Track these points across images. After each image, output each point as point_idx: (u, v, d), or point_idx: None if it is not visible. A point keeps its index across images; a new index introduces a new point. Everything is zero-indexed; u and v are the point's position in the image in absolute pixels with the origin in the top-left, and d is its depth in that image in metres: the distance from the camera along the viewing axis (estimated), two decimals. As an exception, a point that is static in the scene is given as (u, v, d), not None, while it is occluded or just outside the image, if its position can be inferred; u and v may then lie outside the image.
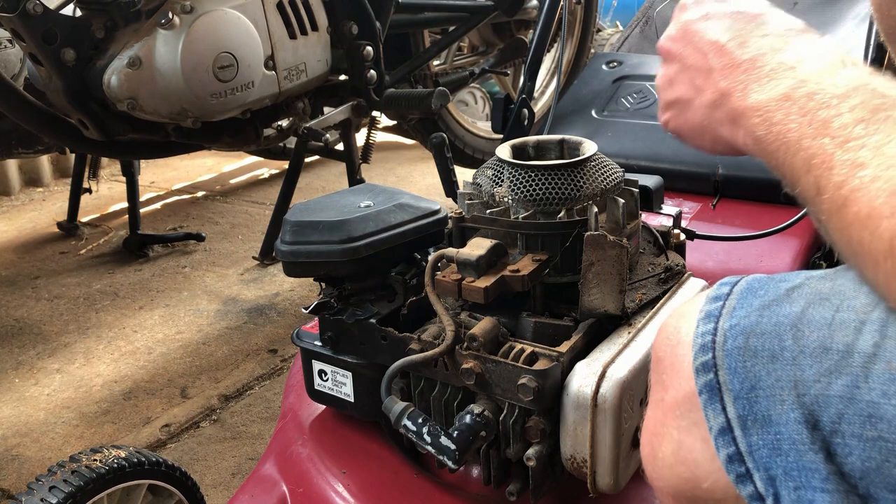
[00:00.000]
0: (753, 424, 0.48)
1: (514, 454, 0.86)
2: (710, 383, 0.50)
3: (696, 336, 0.52)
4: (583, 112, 1.74)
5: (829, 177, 0.47)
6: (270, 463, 1.08)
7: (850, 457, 0.44)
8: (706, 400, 0.50)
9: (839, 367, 0.45)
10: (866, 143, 0.46)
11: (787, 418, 0.47)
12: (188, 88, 1.52)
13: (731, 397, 0.49)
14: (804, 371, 0.47)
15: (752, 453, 0.48)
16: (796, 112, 0.51)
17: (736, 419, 0.49)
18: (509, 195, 0.95)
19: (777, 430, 0.47)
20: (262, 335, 2.01)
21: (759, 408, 0.48)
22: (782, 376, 0.47)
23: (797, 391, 0.46)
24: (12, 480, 1.52)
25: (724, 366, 0.50)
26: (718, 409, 0.49)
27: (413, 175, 3.21)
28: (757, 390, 0.48)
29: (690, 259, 1.10)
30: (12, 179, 3.19)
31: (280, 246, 1.02)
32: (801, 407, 0.46)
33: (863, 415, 0.44)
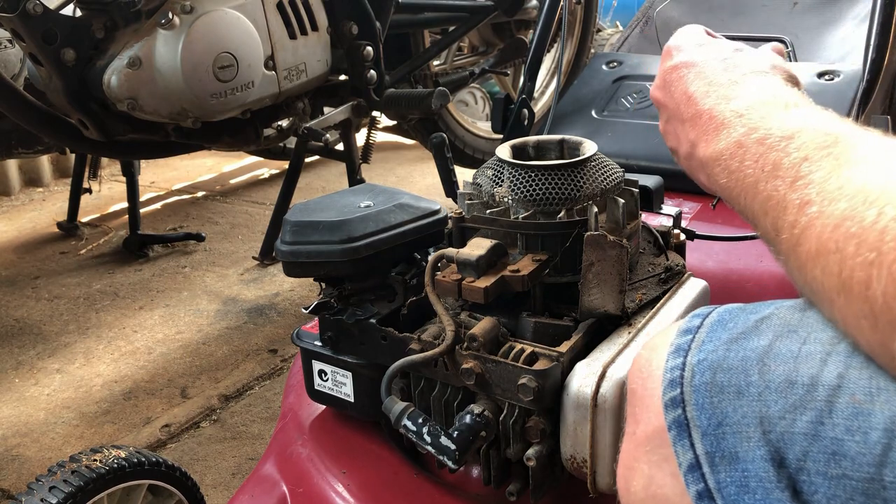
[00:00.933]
0: (721, 461, 0.48)
1: (514, 454, 0.86)
2: (679, 419, 0.50)
3: (665, 371, 0.52)
4: (583, 112, 1.74)
5: (783, 217, 0.48)
6: (270, 463, 1.08)
7: (816, 494, 0.44)
8: (675, 436, 0.50)
9: (804, 402, 0.45)
10: (812, 181, 0.46)
11: (753, 455, 0.46)
12: (188, 88, 1.52)
13: (700, 433, 0.49)
14: (770, 407, 0.46)
15: (720, 490, 0.47)
16: (750, 158, 0.53)
17: (704, 456, 0.48)
18: (509, 195, 0.95)
19: (744, 467, 0.46)
20: (262, 335, 2.01)
21: (726, 444, 0.48)
22: (748, 412, 0.47)
23: (763, 428, 0.46)
24: (12, 480, 1.52)
25: (692, 402, 0.50)
26: (687, 446, 0.49)
27: (413, 175, 3.21)
28: (724, 427, 0.48)
29: (690, 259, 1.10)
30: (12, 179, 3.19)
31: (280, 246, 1.02)
32: (767, 444, 0.46)
33: (827, 452, 0.44)
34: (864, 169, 0.44)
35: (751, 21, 1.91)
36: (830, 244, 0.43)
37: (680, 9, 2.04)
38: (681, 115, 0.65)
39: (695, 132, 0.61)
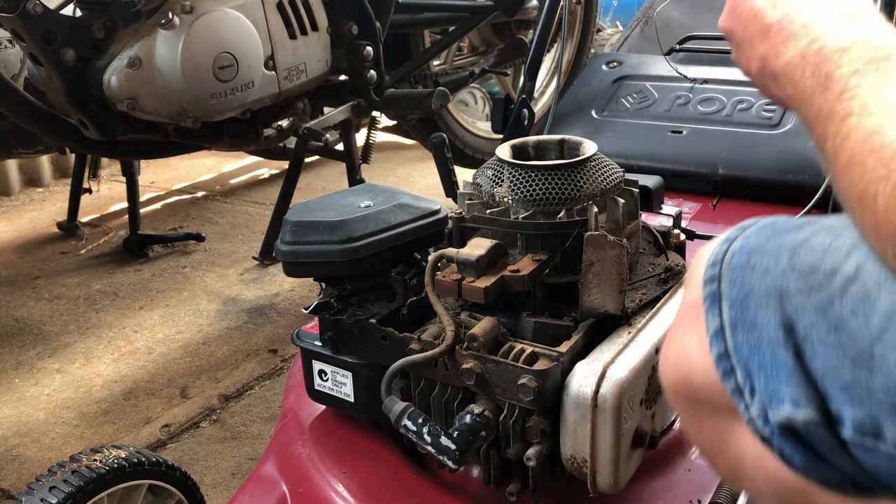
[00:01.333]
0: (741, 327, 0.55)
1: (514, 454, 0.86)
2: (713, 292, 0.57)
3: (711, 254, 0.60)
4: (583, 112, 1.75)
5: (829, 127, 0.51)
6: (270, 463, 1.08)
7: (815, 359, 0.50)
8: (708, 306, 0.57)
9: (821, 286, 0.51)
10: (857, 93, 0.49)
11: (768, 322, 0.53)
12: (188, 88, 1.52)
13: (728, 304, 0.56)
14: (790, 284, 0.53)
15: (736, 350, 0.55)
16: (809, 69, 0.55)
17: (728, 322, 0.55)
18: (509, 195, 0.95)
19: (759, 331, 0.53)
20: (262, 335, 2.01)
21: (747, 313, 0.55)
22: (771, 287, 0.54)
23: (781, 301, 0.53)
24: (12, 480, 1.52)
25: (727, 278, 0.57)
26: (716, 314, 0.56)
27: (413, 175, 3.21)
28: (749, 299, 0.55)
29: (690, 259, 1.10)
30: (12, 179, 3.19)
31: (280, 246, 1.02)
32: (781, 313, 0.53)
33: (831, 326, 0.50)
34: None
35: (751, 21, 1.91)
36: (857, 156, 0.47)
37: (680, 9, 2.04)
38: (749, 34, 0.65)
39: (764, 46, 0.62)
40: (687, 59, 1.80)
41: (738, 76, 1.81)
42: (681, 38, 1.84)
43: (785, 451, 0.52)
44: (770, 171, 1.46)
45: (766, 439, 0.53)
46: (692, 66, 1.76)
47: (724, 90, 1.66)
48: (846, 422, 0.49)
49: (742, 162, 1.50)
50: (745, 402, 0.54)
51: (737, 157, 1.51)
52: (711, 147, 1.54)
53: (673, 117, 1.64)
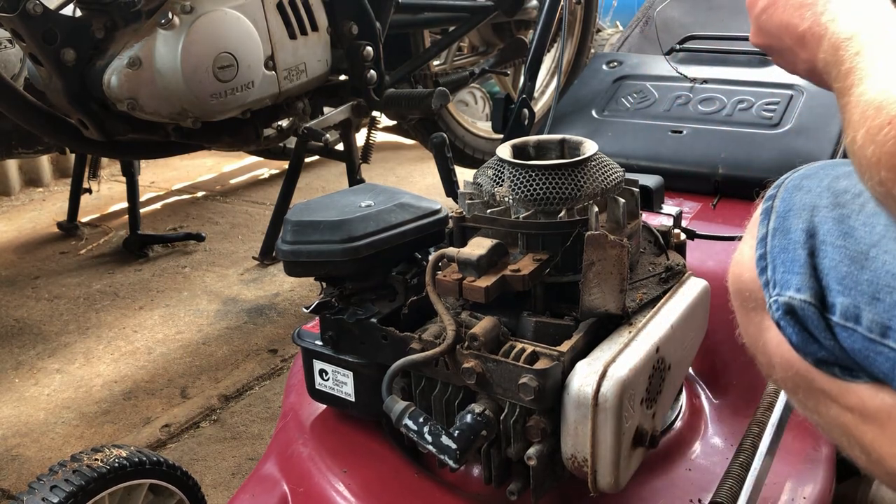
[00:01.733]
0: (778, 233, 0.68)
1: (514, 453, 0.86)
2: (768, 208, 0.71)
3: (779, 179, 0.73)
4: (583, 112, 1.75)
5: (842, 99, 0.60)
6: (271, 462, 1.08)
7: (825, 258, 0.63)
8: (762, 218, 0.71)
9: (846, 203, 0.64)
10: (857, 69, 0.60)
11: (797, 228, 0.66)
12: (188, 88, 1.52)
13: (775, 215, 0.69)
14: (822, 200, 0.66)
15: (771, 251, 0.68)
16: (833, 60, 0.64)
17: (771, 230, 0.68)
18: (510, 195, 0.95)
19: (789, 236, 0.66)
20: (262, 335, 2.01)
21: (786, 223, 0.67)
22: (807, 202, 0.67)
23: (811, 213, 0.66)
24: (12, 480, 1.52)
25: (780, 196, 0.71)
26: (765, 224, 0.70)
27: (413, 175, 3.21)
28: (790, 211, 0.68)
29: (690, 259, 1.10)
30: (12, 179, 3.19)
31: (281, 246, 1.02)
32: (809, 222, 0.65)
33: (843, 232, 0.63)
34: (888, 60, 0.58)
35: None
36: (854, 115, 0.57)
37: (680, 9, 2.04)
38: (787, 45, 0.74)
39: (805, 52, 0.71)
40: (687, 59, 1.80)
41: (738, 76, 1.81)
42: (681, 38, 1.84)
43: (787, 330, 0.65)
44: (770, 171, 1.45)
45: (777, 322, 0.65)
46: (692, 66, 1.76)
47: (724, 90, 1.66)
48: (836, 308, 0.61)
49: (742, 162, 1.50)
50: (769, 292, 0.66)
51: (737, 157, 1.51)
52: (711, 147, 1.54)
53: (673, 117, 1.64)
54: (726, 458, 0.99)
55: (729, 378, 1.18)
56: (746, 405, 1.11)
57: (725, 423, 1.13)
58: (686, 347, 0.97)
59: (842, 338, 0.61)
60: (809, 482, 1.00)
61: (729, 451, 1.03)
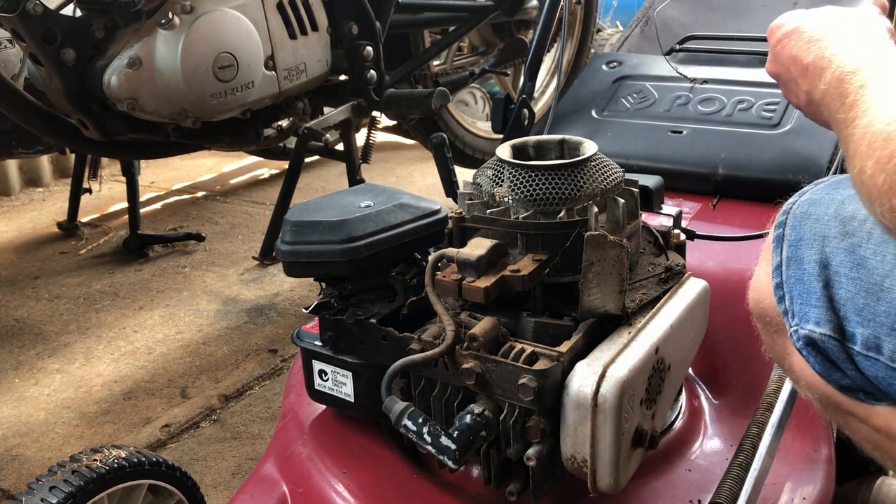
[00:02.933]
0: (792, 263, 0.70)
1: (514, 454, 0.86)
2: (779, 235, 0.73)
3: (786, 205, 0.75)
4: (583, 112, 1.74)
5: (845, 131, 0.62)
6: (270, 463, 1.08)
7: (840, 289, 0.65)
8: (774, 246, 0.73)
9: (854, 231, 0.66)
10: (861, 102, 0.62)
11: (810, 259, 0.68)
12: (188, 88, 1.52)
13: (787, 244, 0.71)
14: (831, 230, 0.68)
15: (786, 282, 0.70)
16: (835, 93, 0.67)
17: (785, 259, 0.71)
18: (509, 195, 0.95)
19: (803, 266, 0.68)
20: (262, 335, 2.01)
21: (799, 252, 0.69)
22: (818, 232, 0.69)
23: (822, 243, 0.67)
24: (12, 480, 1.52)
25: (790, 223, 0.73)
26: (778, 252, 0.72)
27: (413, 175, 3.21)
28: (801, 241, 0.70)
29: (690, 259, 1.10)
30: (12, 179, 3.19)
31: (280, 246, 1.02)
32: (821, 253, 0.67)
33: (856, 263, 0.64)
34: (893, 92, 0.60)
35: (751, 21, 1.91)
36: (859, 146, 0.59)
37: (680, 9, 2.04)
38: (792, 76, 0.78)
39: (806, 83, 0.74)
40: (687, 59, 1.80)
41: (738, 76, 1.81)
42: (681, 38, 1.84)
43: (809, 359, 0.67)
44: (770, 171, 1.46)
45: (799, 350, 0.68)
46: (692, 66, 1.76)
47: (724, 90, 1.66)
48: (857, 339, 0.63)
49: (742, 162, 1.50)
50: (789, 321, 0.69)
51: (737, 157, 1.50)
52: (711, 147, 1.54)
53: (673, 117, 1.64)
54: (726, 459, 0.99)
55: (729, 378, 1.18)
56: (746, 405, 1.11)
57: (725, 424, 1.12)
58: (686, 348, 0.97)
59: (864, 367, 0.63)
60: (809, 483, 0.99)
61: (729, 451, 1.03)
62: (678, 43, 1.83)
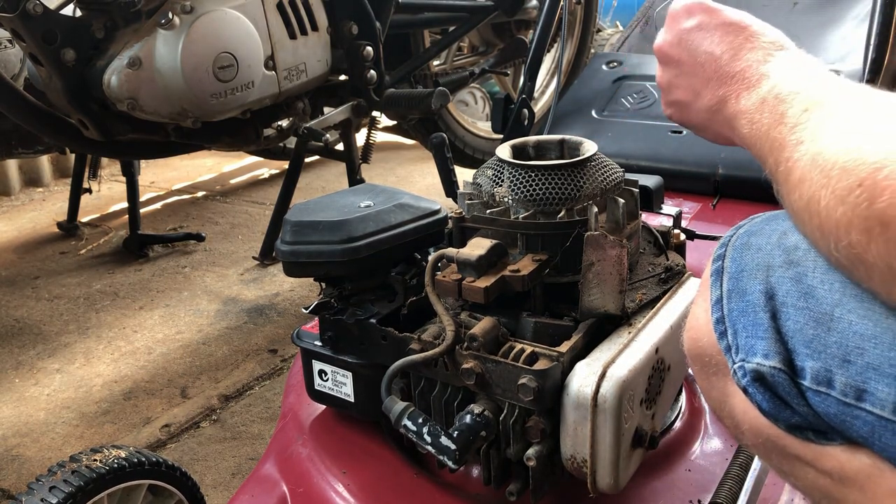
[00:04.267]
0: (734, 296, 0.65)
1: (514, 454, 0.86)
2: (718, 268, 0.68)
3: (723, 238, 0.71)
4: (583, 112, 1.75)
5: (782, 154, 0.60)
6: (270, 463, 1.08)
7: (788, 321, 0.61)
8: (713, 280, 0.68)
9: (799, 260, 0.62)
10: (807, 126, 0.59)
11: (754, 290, 0.63)
12: (188, 88, 1.52)
13: (727, 277, 0.66)
14: (775, 259, 0.63)
15: (728, 315, 0.65)
16: (768, 111, 0.64)
17: (726, 292, 0.66)
18: (509, 195, 0.95)
19: (747, 298, 0.63)
20: (262, 335, 2.01)
21: (741, 284, 0.65)
22: (760, 262, 0.64)
23: (766, 273, 0.63)
24: (12, 480, 1.52)
25: (730, 255, 0.68)
26: (718, 286, 0.67)
27: (413, 175, 3.21)
28: (743, 272, 0.65)
29: (690, 259, 1.10)
30: (12, 179, 3.19)
31: (280, 246, 1.02)
32: (765, 283, 0.63)
33: (803, 293, 0.60)
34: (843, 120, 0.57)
35: (751, 21, 1.91)
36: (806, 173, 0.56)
37: (680, 9, 2.04)
38: (703, 73, 0.74)
39: (724, 89, 0.71)
40: (687, 59, 1.80)
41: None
42: (681, 38, 1.84)
43: (756, 396, 0.62)
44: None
45: (744, 389, 0.62)
46: (692, 66, 1.75)
47: (724, 90, 1.66)
48: (806, 373, 0.59)
49: (742, 162, 1.50)
50: (732, 357, 0.64)
51: (737, 157, 1.50)
52: (711, 147, 1.53)
53: (673, 117, 1.64)
54: (726, 459, 0.99)
55: (729, 378, 1.18)
56: (746, 406, 1.11)
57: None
58: (686, 348, 0.97)
59: (814, 403, 0.59)
60: (809, 483, 0.99)
61: (729, 451, 1.03)
62: (678, 43, 1.83)
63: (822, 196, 0.54)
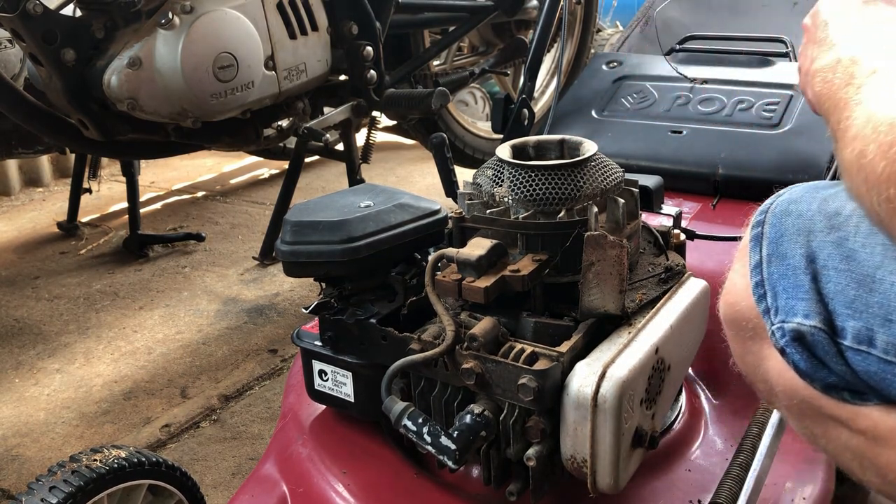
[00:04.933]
0: (774, 259, 0.68)
1: (514, 454, 0.86)
2: (757, 234, 0.71)
3: (762, 206, 0.73)
4: (583, 112, 1.74)
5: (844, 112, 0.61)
6: (270, 463, 1.08)
7: (829, 283, 0.63)
8: (752, 245, 0.70)
9: (841, 225, 0.65)
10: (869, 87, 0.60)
11: (795, 253, 0.66)
12: (188, 88, 1.52)
13: (767, 242, 0.69)
14: (816, 224, 0.66)
15: (768, 278, 0.67)
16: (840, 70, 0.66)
17: (766, 256, 0.68)
18: (509, 195, 0.95)
19: (787, 262, 0.66)
20: (262, 335, 2.01)
21: (781, 248, 0.67)
22: (801, 227, 0.67)
23: (807, 238, 0.66)
24: (12, 480, 1.52)
25: (769, 221, 0.71)
26: (757, 251, 0.69)
27: (413, 175, 3.21)
28: (783, 237, 0.68)
29: (690, 259, 1.10)
30: (12, 179, 3.19)
31: (280, 246, 1.02)
32: (806, 247, 0.65)
33: (844, 256, 0.63)
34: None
35: (751, 21, 1.91)
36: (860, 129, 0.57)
37: (680, 9, 2.04)
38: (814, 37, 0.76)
39: (816, 50, 0.73)
40: (687, 59, 1.80)
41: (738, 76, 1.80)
42: (681, 38, 1.84)
43: (794, 356, 0.64)
44: (770, 171, 1.46)
45: (782, 349, 0.65)
46: (692, 66, 1.76)
47: (724, 90, 1.66)
48: (847, 332, 0.61)
49: (742, 162, 1.50)
50: (771, 319, 0.66)
51: (737, 157, 1.50)
52: (711, 147, 1.54)
53: (673, 117, 1.64)
54: (726, 459, 0.99)
55: (729, 378, 1.18)
56: (746, 405, 1.11)
57: (725, 424, 1.12)
58: (686, 348, 0.97)
59: (854, 362, 0.61)
60: (809, 483, 0.99)
61: (729, 451, 1.03)
62: (678, 43, 1.83)
63: (869, 150, 0.56)
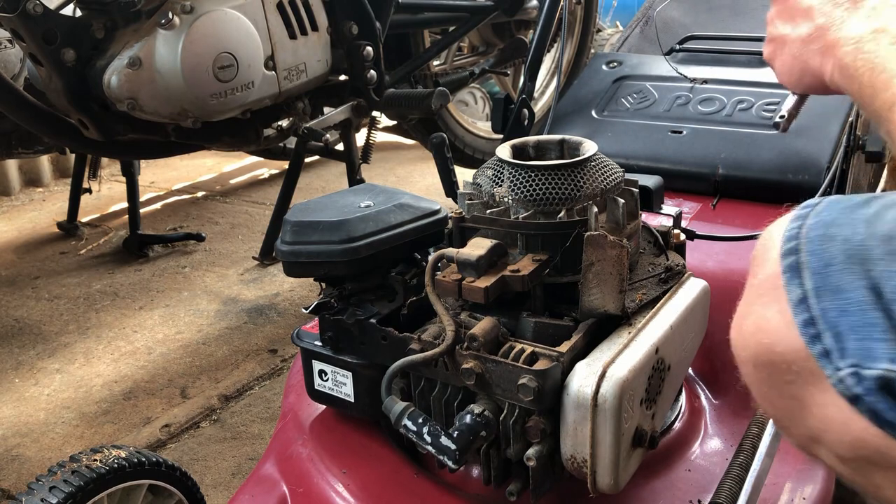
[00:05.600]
0: (825, 293, 0.58)
1: (514, 454, 0.86)
2: (792, 263, 0.61)
3: (785, 231, 0.63)
4: (583, 112, 1.74)
5: (891, 89, 0.57)
6: (270, 463, 1.08)
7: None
8: (788, 277, 0.61)
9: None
10: None
11: (854, 286, 0.57)
12: (188, 88, 1.52)
13: (809, 273, 0.60)
14: (871, 252, 0.57)
15: (823, 315, 0.58)
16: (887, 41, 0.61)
17: (812, 290, 0.59)
18: (509, 195, 0.95)
19: (846, 296, 0.57)
20: (262, 335, 2.01)
21: (831, 280, 0.58)
22: (853, 255, 0.58)
23: (864, 267, 0.57)
24: (12, 480, 1.52)
25: (806, 249, 0.61)
26: (797, 284, 0.60)
27: (413, 175, 3.21)
28: (831, 267, 0.59)
29: (690, 259, 1.10)
30: (12, 179, 3.19)
31: (280, 246, 1.02)
32: (867, 279, 0.57)
33: None
34: None
35: (751, 21, 1.91)
36: None
37: (680, 9, 2.04)
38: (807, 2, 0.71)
39: (826, 17, 0.68)
40: (687, 59, 1.80)
41: (738, 76, 1.80)
42: (681, 38, 1.84)
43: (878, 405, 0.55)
44: (770, 171, 1.46)
45: (857, 397, 0.55)
46: (692, 66, 1.76)
47: (724, 90, 1.66)
48: None
49: (742, 162, 1.50)
50: (835, 364, 0.57)
51: (737, 157, 1.50)
52: (711, 147, 1.54)
53: (673, 117, 1.64)
54: (726, 459, 0.99)
55: (729, 378, 1.18)
56: (746, 406, 1.11)
57: (725, 424, 1.12)
58: (686, 348, 0.97)
59: None
60: (809, 483, 0.99)
61: (729, 451, 1.03)
62: (678, 43, 1.83)
63: None
